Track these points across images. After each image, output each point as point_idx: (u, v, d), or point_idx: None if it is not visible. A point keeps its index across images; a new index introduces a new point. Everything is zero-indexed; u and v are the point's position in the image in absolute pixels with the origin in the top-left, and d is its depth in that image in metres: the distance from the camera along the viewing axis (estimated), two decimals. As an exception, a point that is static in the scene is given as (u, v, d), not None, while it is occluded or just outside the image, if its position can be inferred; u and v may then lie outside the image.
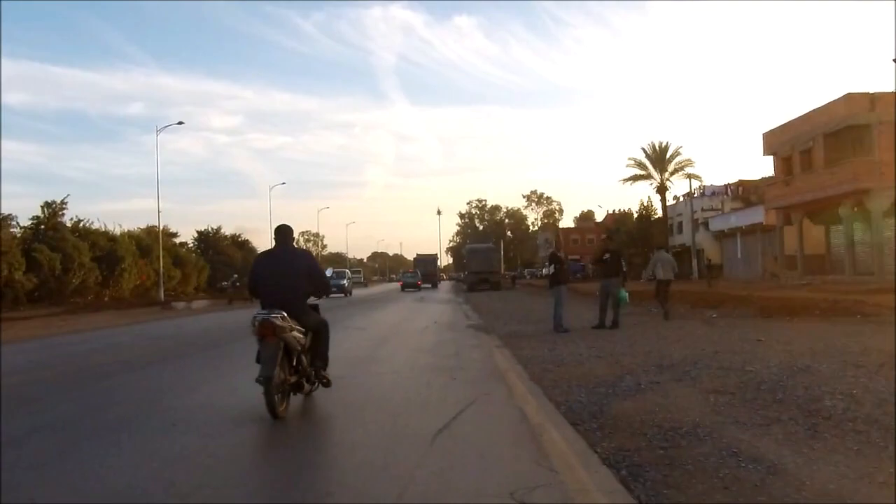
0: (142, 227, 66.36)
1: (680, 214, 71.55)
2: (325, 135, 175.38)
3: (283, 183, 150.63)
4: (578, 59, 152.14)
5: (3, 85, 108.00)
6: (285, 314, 7.21)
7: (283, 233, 7.91)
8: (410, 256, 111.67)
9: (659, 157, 67.23)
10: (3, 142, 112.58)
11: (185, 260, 67.50)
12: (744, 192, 68.87)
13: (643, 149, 68.32)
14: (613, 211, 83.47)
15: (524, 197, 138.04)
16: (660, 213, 69.04)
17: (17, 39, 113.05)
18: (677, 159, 66.40)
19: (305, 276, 7.60)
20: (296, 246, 8.21)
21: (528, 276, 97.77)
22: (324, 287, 7.98)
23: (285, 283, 7.55)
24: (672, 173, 66.97)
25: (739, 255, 55.72)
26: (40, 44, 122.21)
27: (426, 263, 69.96)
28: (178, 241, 74.77)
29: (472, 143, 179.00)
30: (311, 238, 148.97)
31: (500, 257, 54.85)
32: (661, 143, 67.46)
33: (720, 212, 66.58)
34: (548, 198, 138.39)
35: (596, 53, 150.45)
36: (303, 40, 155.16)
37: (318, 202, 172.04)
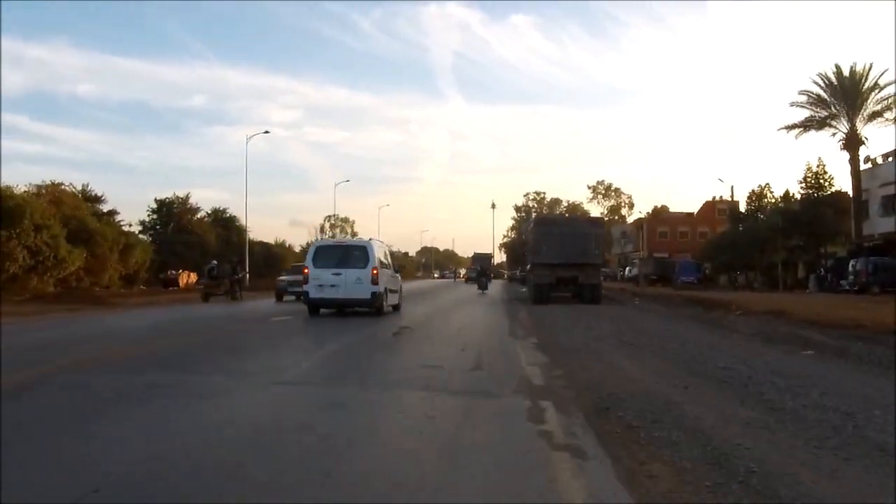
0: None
1: (866, 189, 44.27)
2: (381, 131, 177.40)
3: (348, 181, 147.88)
4: (635, 59, 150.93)
5: (74, 76, 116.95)
6: None
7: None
8: (461, 252, 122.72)
9: (850, 90, 40.74)
10: (72, 131, 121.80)
11: (95, 235, 43.56)
12: None
13: (820, 78, 41.83)
14: (755, 190, 57.33)
15: (589, 188, 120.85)
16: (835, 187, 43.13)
17: (85, 32, 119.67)
18: (878, 93, 40.03)
19: None
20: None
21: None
22: None
23: None
24: (872, 118, 40.56)
25: None
26: (107, 37, 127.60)
27: (482, 261, 76.06)
28: (107, 209, 51.61)
29: (527, 142, 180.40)
30: (339, 223, 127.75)
31: (601, 239, 27.87)
32: (853, 68, 41.01)
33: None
34: (616, 189, 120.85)
35: (653, 53, 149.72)
36: (360, 37, 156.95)
37: (373, 197, 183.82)
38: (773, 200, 58.19)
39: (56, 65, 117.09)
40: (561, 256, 26.18)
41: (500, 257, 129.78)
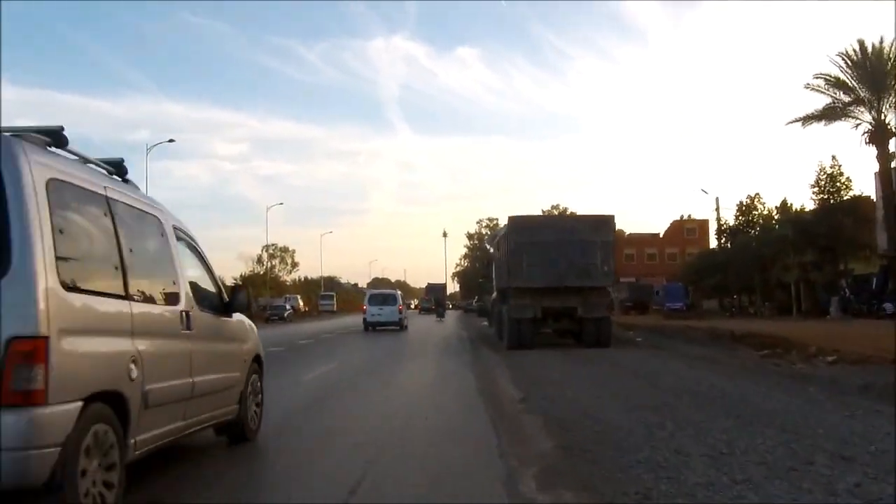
0: None
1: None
2: (329, 163, 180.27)
3: (281, 203, 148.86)
4: (580, 88, 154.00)
5: (12, 112, 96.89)
6: None
7: None
8: (413, 283, 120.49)
9: (877, 71, 33.33)
10: None
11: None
12: None
13: (841, 58, 34.31)
14: (746, 199, 49.75)
15: (543, 213, 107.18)
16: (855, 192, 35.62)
17: (24, 66, 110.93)
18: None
19: None
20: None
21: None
22: None
23: None
24: (903, 102, 33.18)
25: None
26: (46, 71, 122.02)
27: (436, 291, 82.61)
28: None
29: (477, 171, 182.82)
30: (278, 253, 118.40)
31: (610, 249, 18.26)
32: (880, 45, 33.66)
33: None
34: (572, 213, 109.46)
35: (597, 82, 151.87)
36: (307, 70, 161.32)
37: (321, 228, 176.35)
38: (767, 211, 50.89)
39: None
40: (550, 277, 17.34)
41: (453, 287, 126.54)
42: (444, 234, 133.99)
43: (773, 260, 42.20)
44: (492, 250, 26.91)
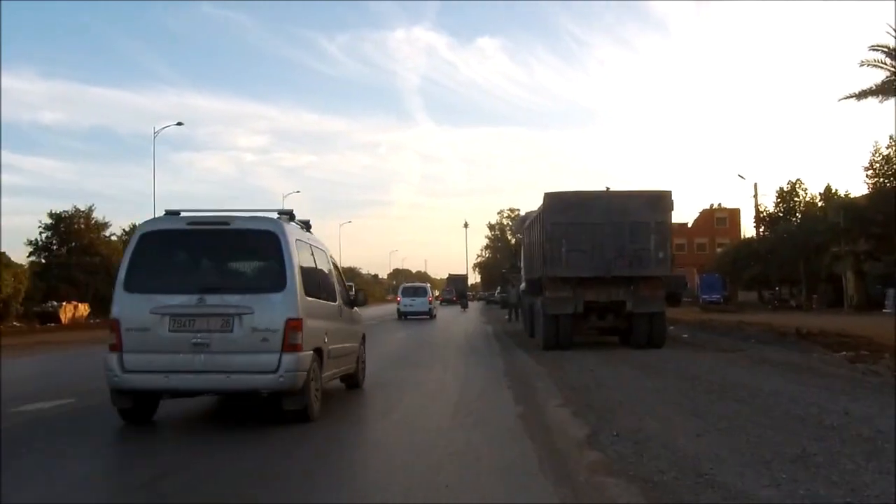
0: None
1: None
2: (351, 154, 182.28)
3: (298, 191, 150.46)
4: (601, 78, 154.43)
5: (40, 104, 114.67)
6: None
7: None
8: (434, 274, 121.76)
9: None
10: (38, 159, 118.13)
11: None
12: None
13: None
14: (787, 185, 46.58)
15: None
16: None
17: (54, 60, 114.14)
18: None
19: None
20: None
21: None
22: None
23: None
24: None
25: None
26: (76, 65, 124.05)
27: (458, 282, 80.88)
28: None
29: (498, 162, 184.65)
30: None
31: (667, 231, 14.93)
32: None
33: None
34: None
35: (618, 72, 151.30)
36: (328, 62, 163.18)
37: (342, 220, 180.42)
38: (810, 198, 47.62)
39: (21, 93, 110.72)
40: (595, 265, 14.55)
41: (474, 278, 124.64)
42: (466, 225, 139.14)
43: (818, 249, 39.19)
44: (519, 236, 24.20)
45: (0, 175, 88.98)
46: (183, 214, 7.59)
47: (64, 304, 41.41)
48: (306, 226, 8.47)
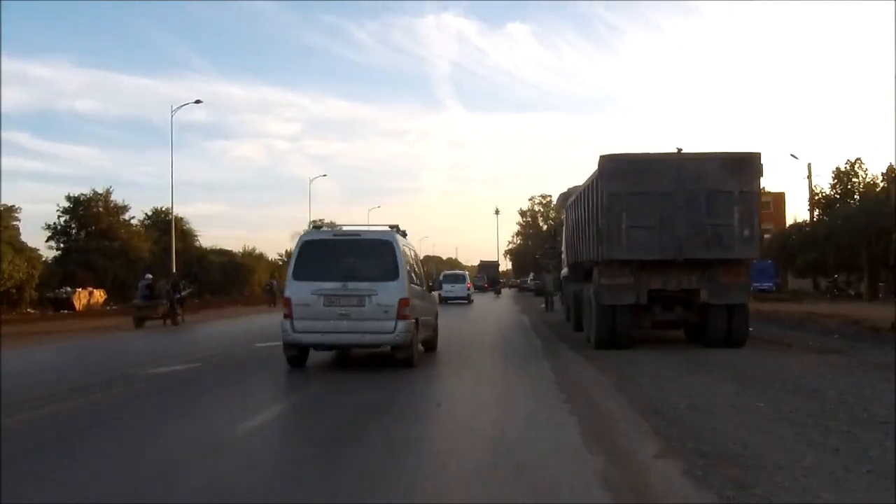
0: None
1: None
2: (381, 141, 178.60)
3: (325, 175, 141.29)
4: (632, 64, 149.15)
5: (75, 93, 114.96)
6: None
7: None
8: (465, 260, 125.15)
9: None
10: (73, 147, 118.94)
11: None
12: None
13: None
14: (846, 165, 43.10)
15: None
16: None
17: (86, 50, 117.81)
18: None
19: None
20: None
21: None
22: None
23: None
24: None
25: None
26: (108, 54, 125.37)
27: (489, 269, 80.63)
28: None
29: (529, 149, 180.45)
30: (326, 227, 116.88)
31: (755, 202, 11.88)
32: None
33: None
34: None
35: (650, 57, 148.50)
36: (358, 49, 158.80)
37: (372, 206, 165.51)
38: (871, 179, 44.06)
39: (57, 82, 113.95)
40: (664, 245, 11.86)
41: (505, 265, 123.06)
42: (497, 212, 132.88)
43: (879, 234, 35.87)
44: (561, 217, 21.54)
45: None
46: (324, 228, 11.75)
47: (78, 290, 39.58)
48: (404, 234, 11.72)
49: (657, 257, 11.96)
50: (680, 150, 12.23)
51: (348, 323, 10.24)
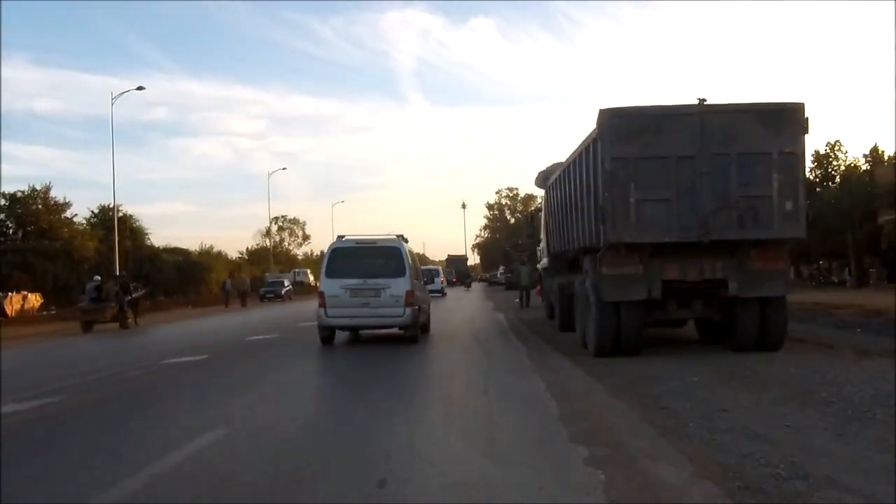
0: None
1: None
2: (346, 137, 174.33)
3: (284, 168, 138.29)
4: (594, 57, 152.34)
5: (34, 93, 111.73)
6: None
7: None
8: (433, 255, 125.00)
9: None
10: (34, 148, 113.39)
11: None
12: None
13: None
14: (825, 148, 41.37)
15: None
16: None
17: (46, 48, 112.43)
18: None
19: None
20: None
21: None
22: None
23: None
24: None
25: None
26: (68, 52, 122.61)
27: (457, 263, 79.57)
28: None
29: (495, 143, 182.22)
30: (287, 225, 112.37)
31: (797, 167, 9.28)
32: None
33: None
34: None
35: (611, 51, 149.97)
36: (322, 45, 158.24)
37: (340, 205, 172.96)
38: (853, 161, 42.29)
39: (14, 81, 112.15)
40: (684, 224, 9.26)
41: (473, 259, 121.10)
42: (464, 206, 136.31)
43: (863, 218, 34.23)
44: (538, 202, 19.02)
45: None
46: (347, 237, 14.49)
47: (11, 294, 36.07)
48: (406, 240, 14.68)
49: (675, 239, 9.37)
50: (703, 100, 9.55)
51: (368, 310, 13.32)
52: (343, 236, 14.48)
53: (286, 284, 49.59)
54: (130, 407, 7.92)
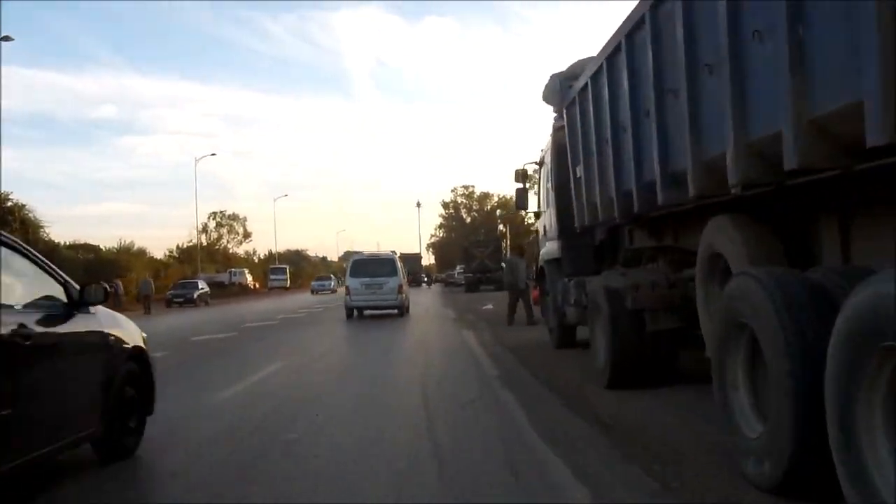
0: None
1: None
2: (299, 135, 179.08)
3: (213, 154, 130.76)
4: (547, 55, 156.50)
5: None
6: None
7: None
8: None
9: None
10: None
11: None
12: None
13: None
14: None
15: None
16: None
17: None
18: None
19: None
20: None
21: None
22: None
23: None
24: None
25: None
26: (11, 47, 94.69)
27: (411, 262, 74.04)
28: None
29: (450, 141, 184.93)
30: (226, 221, 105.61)
31: None
32: None
33: None
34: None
35: (564, 49, 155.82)
36: (274, 43, 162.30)
37: (289, 201, 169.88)
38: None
39: None
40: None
41: (428, 259, 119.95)
42: (418, 205, 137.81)
43: None
44: (544, 149, 12.13)
45: None
46: (363, 252, 29.44)
47: None
48: (396, 253, 26.08)
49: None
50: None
51: (375, 296, 22.82)
52: (360, 252, 26.22)
53: (200, 287, 42.50)
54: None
